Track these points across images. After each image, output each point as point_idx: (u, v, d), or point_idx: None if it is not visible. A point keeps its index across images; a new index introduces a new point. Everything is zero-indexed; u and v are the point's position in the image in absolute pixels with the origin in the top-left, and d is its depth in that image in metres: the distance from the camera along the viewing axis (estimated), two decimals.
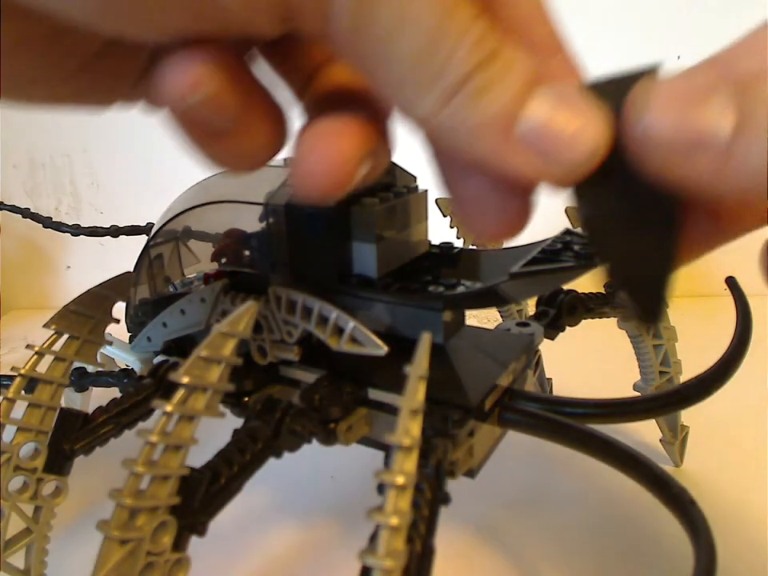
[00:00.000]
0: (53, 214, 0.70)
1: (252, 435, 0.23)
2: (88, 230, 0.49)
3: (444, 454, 0.22)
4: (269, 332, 0.27)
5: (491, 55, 0.13)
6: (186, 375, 0.18)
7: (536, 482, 0.39)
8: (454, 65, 0.12)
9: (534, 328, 0.31)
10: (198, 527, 0.19)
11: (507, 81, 0.13)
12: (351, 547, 0.16)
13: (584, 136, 0.13)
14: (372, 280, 0.26)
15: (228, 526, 0.35)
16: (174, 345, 0.32)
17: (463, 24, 0.12)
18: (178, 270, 0.36)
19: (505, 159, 0.13)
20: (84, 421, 0.27)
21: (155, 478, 0.17)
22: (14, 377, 0.26)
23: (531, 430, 0.26)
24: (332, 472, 0.41)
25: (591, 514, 0.36)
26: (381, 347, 0.24)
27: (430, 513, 0.18)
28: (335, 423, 0.25)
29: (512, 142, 0.13)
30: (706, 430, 0.42)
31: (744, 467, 0.39)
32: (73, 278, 0.81)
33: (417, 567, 0.16)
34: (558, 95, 0.13)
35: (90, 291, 0.28)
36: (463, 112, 0.13)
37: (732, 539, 0.33)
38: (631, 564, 0.32)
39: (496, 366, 0.27)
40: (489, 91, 0.13)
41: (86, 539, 0.20)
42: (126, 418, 0.28)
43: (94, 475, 0.31)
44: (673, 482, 0.23)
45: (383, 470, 0.16)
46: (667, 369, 0.38)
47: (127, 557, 0.17)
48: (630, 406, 0.27)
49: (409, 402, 0.16)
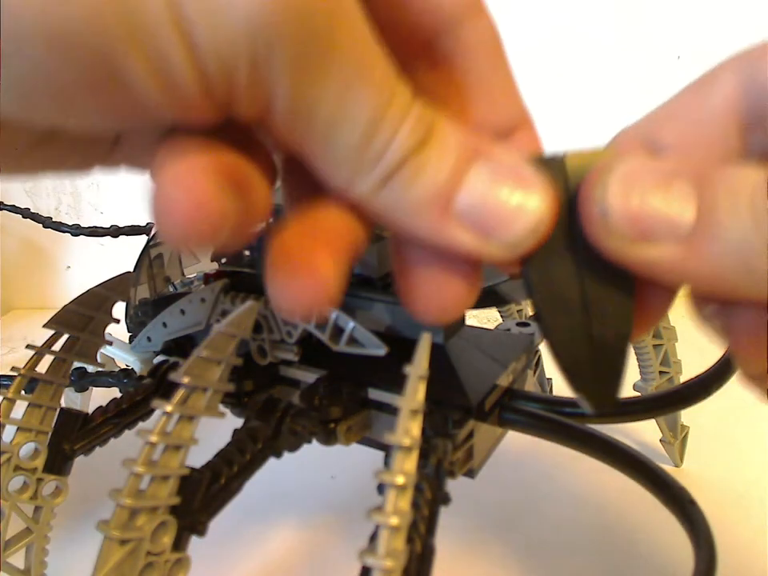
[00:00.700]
0: (53, 214, 0.70)
1: (252, 435, 0.23)
2: (88, 230, 0.49)
3: (444, 454, 0.22)
4: (269, 332, 0.27)
5: (425, 137, 0.13)
6: (186, 375, 0.18)
7: (536, 482, 0.39)
8: (390, 150, 0.12)
9: (534, 328, 0.31)
10: (197, 527, 0.19)
11: (442, 160, 0.13)
12: (351, 547, 0.16)
13: (524, 211, 0.13)
14: (372, 280, 0.26)
15: (228, 526, 0.35)
16: (174, 345, 0.32)
17: (398, 114, 0.12)
18: (178, 269, 0.36)
19: (445, 237, 0.13)
20: (84, 421, 0.27)
21: (155, 477, 0.17)
22: (14, 377, 0.26)
23: (531, 430, 0.26)
24: (332, 472, 0.41)
25: (591, 513, 0.36)
26: (381, 347, 0.24)
27: (429, 513, 0.18)
28: (335, 423, 0.25)
29: (451, 219, 0.13)
30: (706, 430, 0.42)
31: (744, 467, 0.39)
32: (73, 278, 0.81)
33: (417, 567, 0.17)
34: (498, 169, 0.13)
35: (90, 291, 0.28)
36: (400, 192, 0.13)
37: (732, 539, 0.33)
38: (631, 564, 0.32)
39: (496, 365, 0.27)
40: (424, 172, 0.13)
41: (86, 539, 0.20)
42: (126, 418, 0.28)
43: (94, 475, 0.31)
44: (673, 481, 0.23)
45: (383, 469, 0.16)
46: (667, 369, 0.38)
47: (127, 557, 0.17)
48: (630, 406, 0.27)
49: (409, 402, 0.16)
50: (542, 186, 0.13)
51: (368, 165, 0.12)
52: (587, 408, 0.14)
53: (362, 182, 0.13)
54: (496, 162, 0.13)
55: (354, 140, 0.12)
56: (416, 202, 0.13)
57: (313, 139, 0.12)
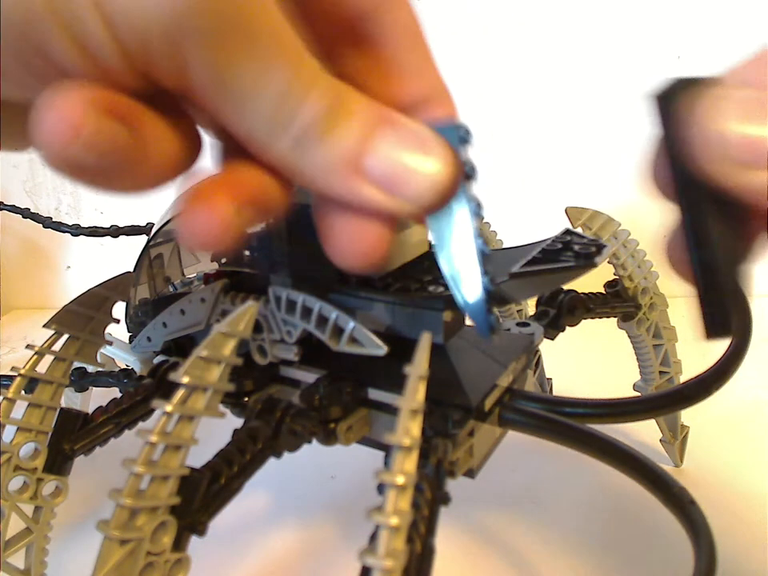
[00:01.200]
0: (53, 214, 0.70)
1: (252, 435, 0.23)
2: (88, 230, 0.49)
3: (444, 454, 0.22)
4: (269, 332, 0.27)
5: (334, 104, 0.14)
6: (186, 375, 0.17)
7: (536, 482, 0.39)
8: (301, 115, 0.14)
9: (534, 328, 0.31)
10: (197, 527, 0.19)
11: (351, 124, 0.15)
12: (351, 547, 0.16)
13: (425, 172, 0.15)
14: (372, 280, 0.26)
15: (228, 526, 0.35)
16: (174, 345, 0.32)
17: (308, 81, 0.14)
18: (178, 269, 0.36)
19: (356, 194, 0.15)
20: (84, 421, 0.27)
21: (155, 477, 0.17)
22: (14, 377, 0.26)
23: (531, 429, 0.26)
24: (332, 472, 0.41)
25: (591, 513, 0.36)
26: (381, 347, 0.24)
27: (429, 513, 0.18)
28: (335, 423, 0.25)
29: (361, 179, 0.15)
30: (706, 430, 0.42)
31: (744, 467, 0.39)
32: (73, 278, 0.81)
33: (417, 567, 0.16)
34: (401, 134, 0.15)
35: (89, 291, 0.28)
36: (313, 153, 0.15)
37: (732, 539, 0.33)
38: (631, 564, 0.32)
39: (496, 366, 0.27)
40: (334, 134, 0.14)
41: (86, 539, 0.20)
42: (126, 418, 0.28)
43: (94, 475, 0.31)
44: (673, 481, 0.23)
45: (383, 469, 0.16)
46: (667, 369, 0.38)
47: (127, 557, 0.17)
48: (630, 406, 0.27)
49: (409, 402, 0.16)
50: (441, 149, 0.15)
51: (280, 128, 0.14)
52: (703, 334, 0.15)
53: (277, 143, 0.14)
54: (401, 128, 0.15)
55: (267, 106, 0.14)
56: (328, 162, 0.15)
57: (229, 109, 0.14)
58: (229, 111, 0.14)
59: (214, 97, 0.14)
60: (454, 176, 0.15)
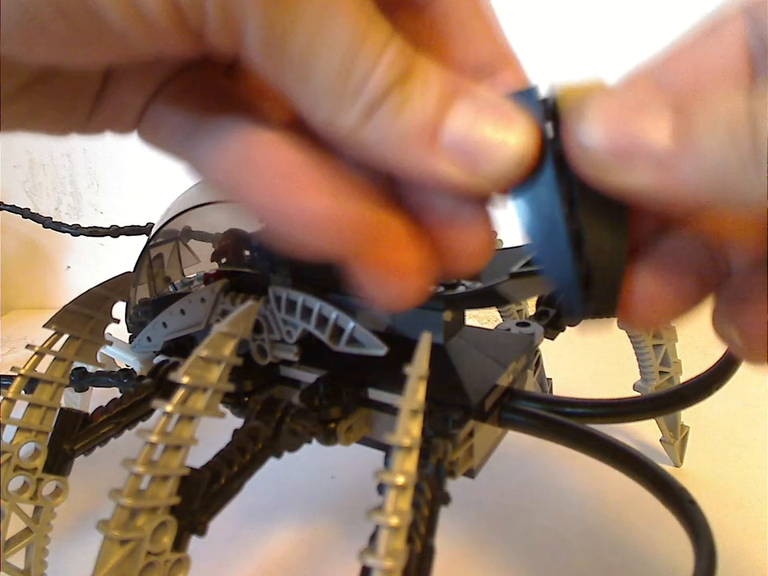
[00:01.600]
0: (53, 214, 0.70)
1: (252, 435, 0.23)
2: (88, 230, 0.49)
3: (444, 454, 0.22)
4: (269, 332, 0.27)
5: (407, 71, 0.13)
6: (186, 375, 0.18)
7: (536, 482, 0.39)
8: (371, 83, 0.13)
9: (534, 328, 0.31)
10: (197, 527, 0.19)
11: (426, 94, 0.13)
12: (351, 547, 0.16)
13: (507, 145, 0.13)
14: None
15: (228, 526, 0.35)
16: (174, 345, 0.32)
17: (378, 45, 0.13)
18: (178, 269, 0.36)
19: (432, 170, 0.14)
20: (84, 421, 0.27)
21: (155, 477, 0.17)
22: (14, 377, 0.26)
23: (531, 429, 0.26)
24: (332, 472, 0.41)
25: (591, 513, 0.36)
26: (381, 347, 0.24)
27: (429, 513, 0.18)
28: (335, 423, 0.25)
29: (437, 153, 0.13)
30: (706, 429, 0.42)
31: (744, 467, 0.39)
32: (73, 278, 0.81)
33: (417, 567, 0.17)
34: (480, 105, 0.13)
35: (89, 291, 0.28)
36: (385, 126, 0.13)
37: (732, 539, 0.33)
38: (631, 564, 0.32)
39: (496, 365, 0.27)
40: (408, 104, 0.13)
41: (86, 539, 0.20)
42: (126, 418, 0.28)
43: (94, 475, 0.31)
44: (673, 481, 0.23)
45: (383, 469, 0.16)
46: (667, 369, 0.38)
47: (127, 557, 0.17)
48: (630, 406, 0.27)
49: (409, 402, 0.16)
50: (523, 121, 0.13)
51: (349, 97, 0.13)
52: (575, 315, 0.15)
53: (346, 116, 0.13)
54: (478, 98, 0.14)
55: (332, 70, 0.12)
56: (402, 135, 0.13)
57: (289, 70, 0.13)
58: (289, 75, 0.13)
59: (272, 57, 0.12)
60: (538, 150, 0.14)
